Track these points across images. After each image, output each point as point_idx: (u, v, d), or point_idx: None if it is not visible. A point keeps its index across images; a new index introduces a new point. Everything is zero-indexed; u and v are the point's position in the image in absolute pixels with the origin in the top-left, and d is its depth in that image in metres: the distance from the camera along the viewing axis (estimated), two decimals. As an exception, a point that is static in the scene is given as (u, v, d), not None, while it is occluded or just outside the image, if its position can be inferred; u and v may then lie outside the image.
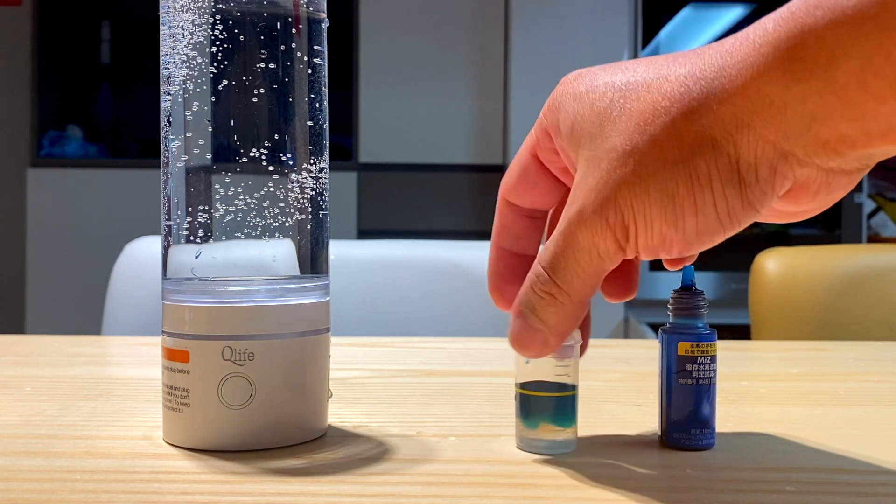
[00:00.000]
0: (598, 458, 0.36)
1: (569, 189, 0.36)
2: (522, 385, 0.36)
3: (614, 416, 0.44)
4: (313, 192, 0.38)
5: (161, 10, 0.37)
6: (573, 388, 0.36)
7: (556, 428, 0.36)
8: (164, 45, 0.37)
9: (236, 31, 0.36)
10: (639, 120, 0.29)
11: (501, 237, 0.38)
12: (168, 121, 0.37)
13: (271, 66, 0.36)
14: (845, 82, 0.25)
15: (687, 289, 0.36)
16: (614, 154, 0.30)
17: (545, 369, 0.36)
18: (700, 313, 0.36)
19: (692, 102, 0.28)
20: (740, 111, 0.27)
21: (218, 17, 0.36)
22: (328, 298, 0.39)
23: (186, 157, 0.36)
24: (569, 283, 0.32)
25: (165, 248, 0.38)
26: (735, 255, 2.55)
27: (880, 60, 0.25)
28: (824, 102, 0.26)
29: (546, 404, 0.36)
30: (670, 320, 0.37)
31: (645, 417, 0.43)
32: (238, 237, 0.36)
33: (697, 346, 0.36)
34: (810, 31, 0.26)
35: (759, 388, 0.53)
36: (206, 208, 0.36)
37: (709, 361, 0.36)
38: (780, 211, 0.32)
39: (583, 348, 0.37)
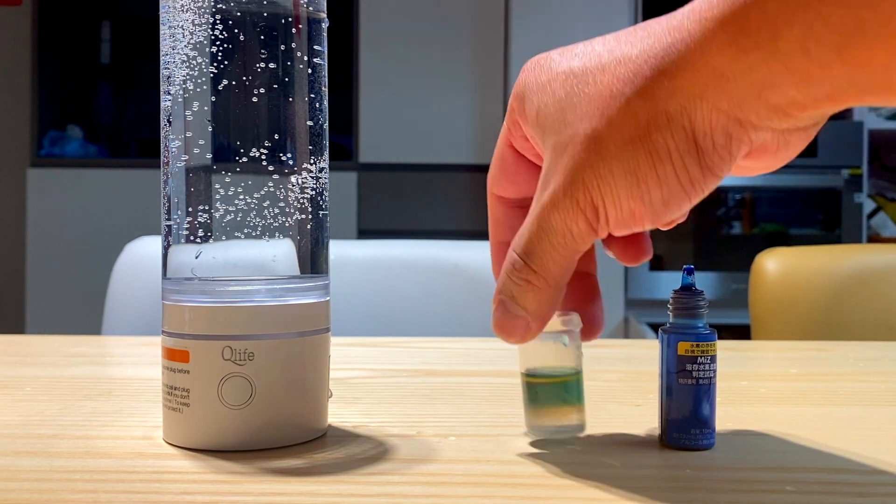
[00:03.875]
0: (598, 458, 0.36)
1: None
2: (526, 373, 0.37)
3: (614, 416, 0.44)
4: (313, 192, 0.38)
5: (161, 10, 0.37)
6: (576, 371, 0.37)
7: (562, 411, 0.37)
8: (164, 45, 0.37)
9: (236, 31, 0.36)
10: (597, 104, 0.31)
11: (497, 231, 0.39)
12: (168, 121, 0.37)
13: (271, 66, 0.36)
14: (789, 51, 0.26)
15: (687, 289, 0.36)
16: (577, 139, 0.31)
17: (547, 354, 0.36)
18: (700, 313, 0.36)
19: (645, 82, 0.29)
20: (691, 84, 0.28)
21: (218, 17, 0.36)
22: (328, 298, 0.39)
23: (186, 157, 0.36)
24: (544, 267, 0.33)
25: (165, 248, 0.38)
26: (735, 255, 2.55)
27: (820, 28, 0.25)
28: (771, 71, 0.27)
29: (549, 389, 0.37)
30: (670, 320, 0.37)
31: (645, 417, 0.43)
32: (238, 237, 0.36)
33: (697, 346, 0.36)
34: (753, 2, 0.26)
35: (759, 388, 0.53)
36: (206, 208, 0.36)
37: (709, 361, 0.36)
38: (744, 167, 0.33)
39: (595, 329, 0.38)
